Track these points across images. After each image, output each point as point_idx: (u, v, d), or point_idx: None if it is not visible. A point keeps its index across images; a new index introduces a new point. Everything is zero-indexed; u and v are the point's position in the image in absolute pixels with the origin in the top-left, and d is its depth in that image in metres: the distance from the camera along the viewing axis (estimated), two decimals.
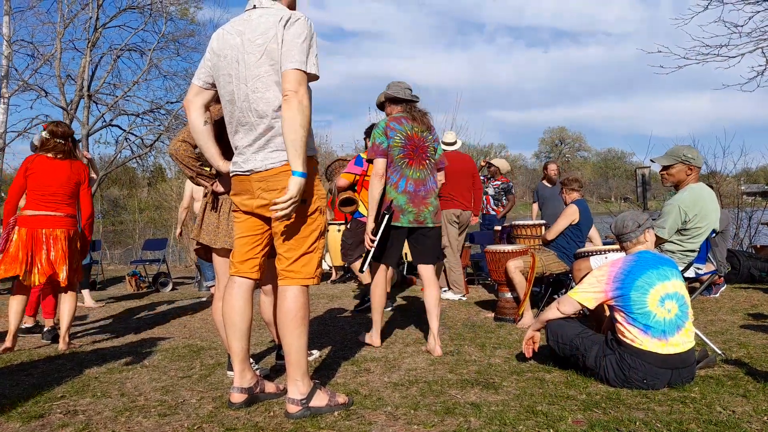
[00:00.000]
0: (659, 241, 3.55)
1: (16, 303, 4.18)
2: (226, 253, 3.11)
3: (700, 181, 3.70)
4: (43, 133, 4.21)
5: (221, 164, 2.70)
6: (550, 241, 5.03)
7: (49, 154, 4.16)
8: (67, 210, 4.19)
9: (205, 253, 3.31)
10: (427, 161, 3.88)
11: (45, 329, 4.57)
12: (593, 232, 5.29)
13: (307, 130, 2.34)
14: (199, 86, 2.60)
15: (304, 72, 2.34)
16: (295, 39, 2.35)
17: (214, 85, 2.60)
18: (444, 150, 6.42)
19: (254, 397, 2.68)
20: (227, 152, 2.78)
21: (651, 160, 3.95)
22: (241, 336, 2.63)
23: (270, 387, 2.77)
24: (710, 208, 3.56)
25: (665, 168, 3.69)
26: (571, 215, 4.95)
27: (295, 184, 2.31)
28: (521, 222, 5.99)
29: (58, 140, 4.19)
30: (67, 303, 4.20)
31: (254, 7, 2.51)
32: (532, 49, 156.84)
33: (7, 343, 4.12)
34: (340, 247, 8.33)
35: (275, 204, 2.33)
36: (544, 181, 8.26)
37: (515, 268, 4.79)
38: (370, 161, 3.82)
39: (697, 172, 3.64)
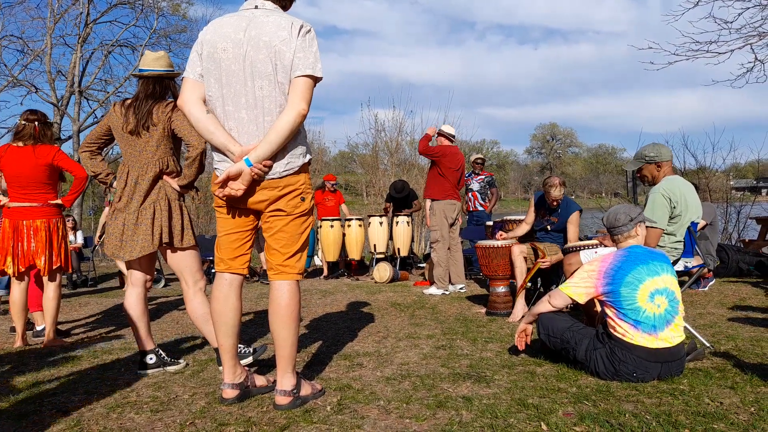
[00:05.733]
0: (655, 235, 3.55)
1: (17, 293, 4.21)
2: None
3: (675, 174, 3.83)
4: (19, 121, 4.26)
5: (236, 148, 2.41)
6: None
7: (19, 143, 4.14)
8: (45, 198, 4.17)
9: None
10: None
11: (36, 328, 4.55)
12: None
13: (287, 141, 2.39)
14: (194, 79, 2.49)
15: (314, 78, 2.40)
16: (308, 47, 2.39)
17: None
18: (450, 143, 6.58)
19: (246, 392, 2.69)
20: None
21: (622, 168, 4.27)
22: (232, 332, 2.63)
23: (260, 381, 2.78)
24: (689, 196, 3.63)
25: (637, 171, 3.89)
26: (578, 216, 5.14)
27: (246, 174, 2.37)
28: (513, 218, 6.03)
29: (25, 123, 4.16)
30: (49, 297, 4.19)
31: (255, 7, 2.49)
32: (523, 47, 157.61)
33: (18, 342, 4.16)
34: (332, 243, 8.38)
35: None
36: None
37: (519, 252, 4.84)
38: None
39: (667, 166, 3.79)
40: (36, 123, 4.17)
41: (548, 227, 5.20)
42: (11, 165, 4.09)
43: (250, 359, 3.28)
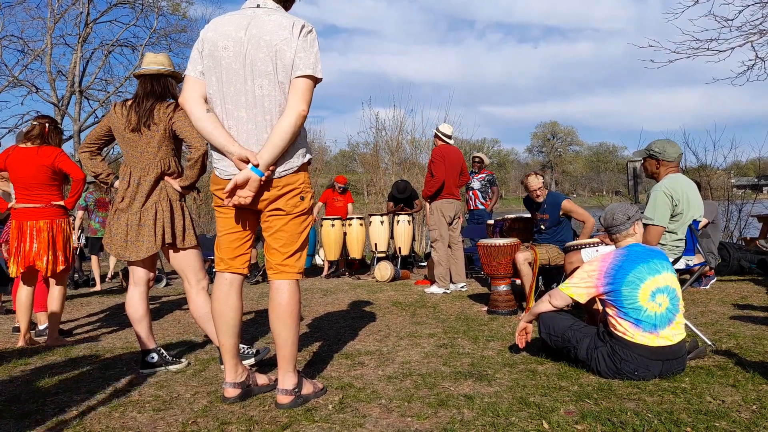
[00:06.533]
0: (656, 233, 3.55)
1: (24, 294, 4.23)
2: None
3: (679, 173, 3.80)
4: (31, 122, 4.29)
5: (235, 148, 2.39)
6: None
7: (27, 143, 4.16)
8: (49, 199, 4.17)
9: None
10: None
11: (39, 328, 4.56)
12: None
13: (290, 143, 2.39)
14: (195, 77, 2.49)
15: (314, 78, 2.39)
16: (310, 48, 2.39)
17: None
18: (446, 143, 6.54)
19: (248, 391, 2.69)
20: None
21: (631, 156, 4.25)
22: (233, 332, 2.64)
23: (262, 379, 2.79)
24: (691, 194, 3.63)
25: (643, 160, 3.93)
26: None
27: (254, 181, 2.36)
28: (514, 215, 6.03)
29: (35, 123, 4.20)
30: (54, 297, 4.20)
31: (257, 5, 2.49)
32: (523, 45, 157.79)
33: (21, 342, 4.16)
34: (333, 242, 8.38)
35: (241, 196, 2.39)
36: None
37: (524, 259, 4.85)
38: None
39: (669, 166, 3.75)
40: (46, 124, 4.21)
41: (542, 226, 5.22)
42: (16, 166, 4.11)
43: (252, 360, 3.29)
